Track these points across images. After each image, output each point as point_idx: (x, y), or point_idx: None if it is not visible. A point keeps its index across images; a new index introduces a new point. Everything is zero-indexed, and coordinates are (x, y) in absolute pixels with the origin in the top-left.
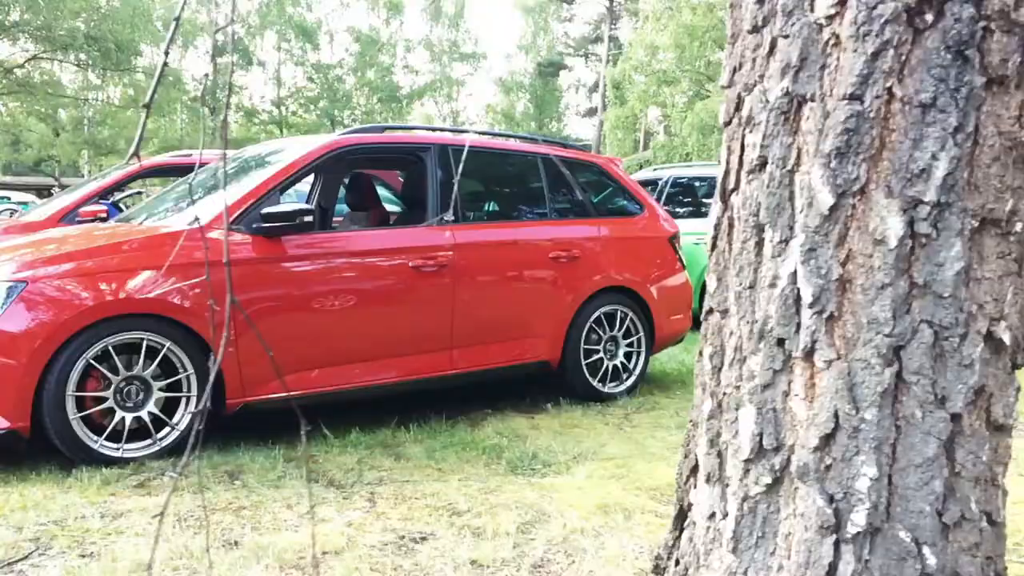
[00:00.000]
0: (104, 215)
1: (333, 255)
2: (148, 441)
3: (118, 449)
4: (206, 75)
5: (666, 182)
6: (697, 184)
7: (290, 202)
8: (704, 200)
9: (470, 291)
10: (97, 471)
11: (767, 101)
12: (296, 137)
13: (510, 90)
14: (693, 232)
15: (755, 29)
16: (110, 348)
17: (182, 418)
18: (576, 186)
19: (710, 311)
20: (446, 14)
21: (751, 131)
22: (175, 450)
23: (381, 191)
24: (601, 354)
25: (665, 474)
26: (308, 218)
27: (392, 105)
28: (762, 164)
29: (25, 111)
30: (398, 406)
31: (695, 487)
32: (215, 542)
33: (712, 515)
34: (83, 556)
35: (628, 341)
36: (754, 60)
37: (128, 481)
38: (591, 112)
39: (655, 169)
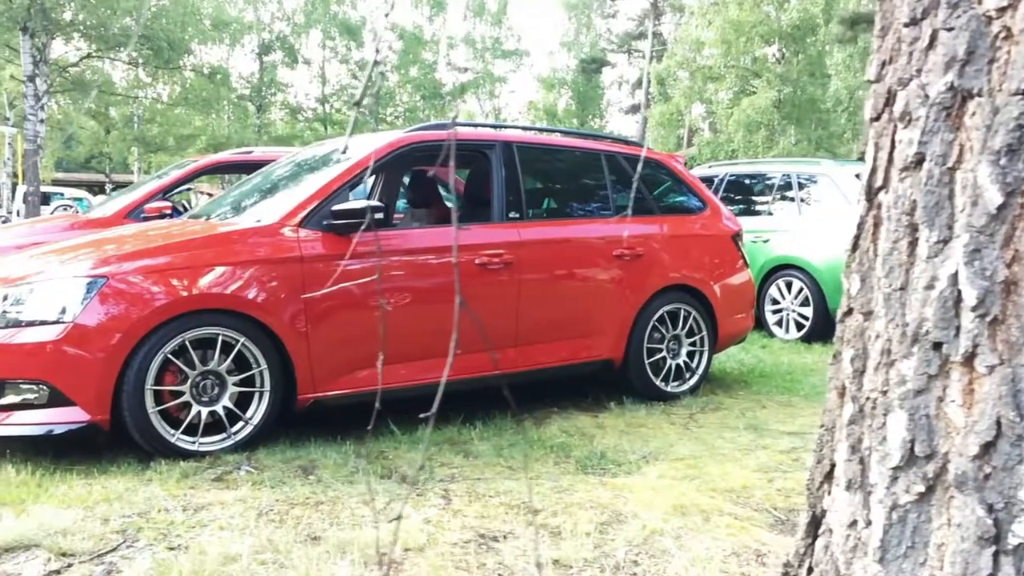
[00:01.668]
0: (169, 211)
1: (401, 252)
2: (223, 435)
3: (194, 443)
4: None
5: (722, 180)
6: (752, 182)
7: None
8: (758, 198)
9: (535, 288)
10: (175, 464)
11: (927, 96)
12: (361, 135)
13: (552, 87)
14: (751, 231)
15: (913, 22)
16: (187, 343)
17: (255, 412)
18: (639, 183)
19: (848, 312)
20: (489, 11)
21: (906, 127)
22: (248, 444)
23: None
24: (664, 353)
25: (739, 476)
26: (378, 215)
27: (434, 102)
28: (919, 161)
29: (77, 109)
30: (463, 403)
31: (829, 493)
32: (297, 537)
33: (853, 523)
34: (171, 549)
35: (691, 340)
36: (911, 54)
37: (206, 475)
38: (634, 109)
39: (711, 166)
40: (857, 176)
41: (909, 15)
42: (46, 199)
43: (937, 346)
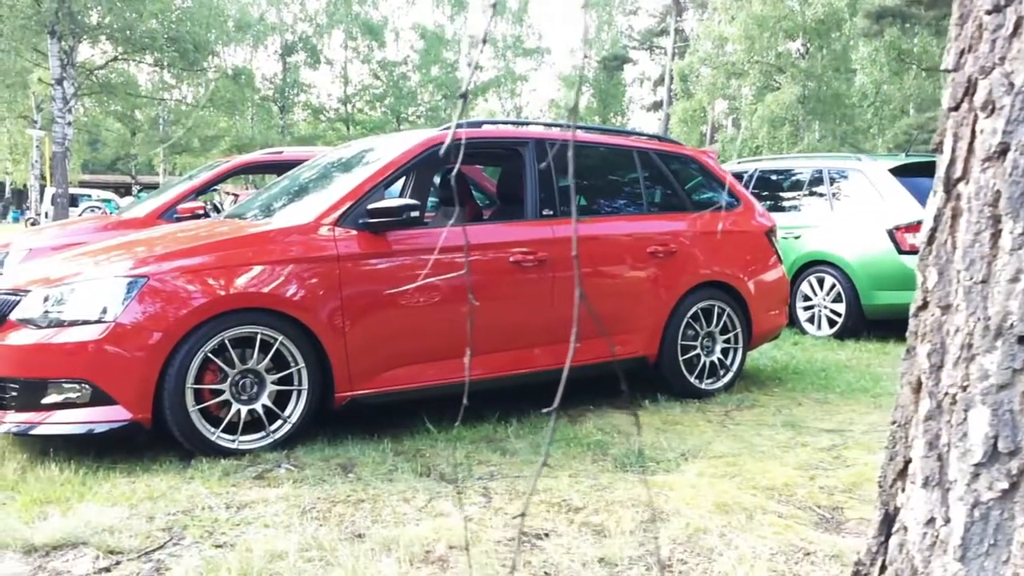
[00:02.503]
0: (202, 211)
1: (443, 250)
2: (262, 433)
3: (234, 441)
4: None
5: (752, 175)
6: (782, 177)
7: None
8: (788, 194)
9: (569, 286)
10: (216, 462)
11: (1011, 84)
12: (393, 134)
13: (573, 85)
14: (782, 227)
15: (996, 9)
16: (226, 342)
17: (293, 411)
18: (672, 180)
19: (924, 306)
20: (510, 9)
21: (988, 116)
22: (287, 442)
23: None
24: (698, 350)
25: (779, 473)
26: (414, 213)
27: (456, 101)
28: (1002, 151)
29: (103, 111)
30: (497, 401)
31: (903, 491)
32: (341, 535)
33: (931, 521)
34: (218, 546)
35: (725, 337)
36: (993, 42)
37: (247, 472)
38: (656, 106)
39: (739, 162)
40: (890, 171)
41: (992, 2)
42: (74, 201)
43: (1022, 340)
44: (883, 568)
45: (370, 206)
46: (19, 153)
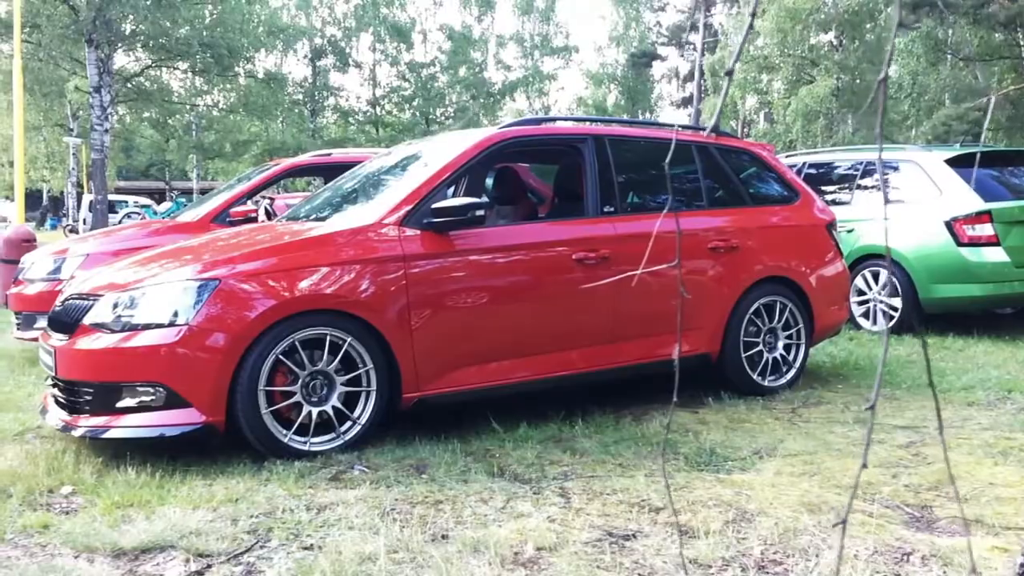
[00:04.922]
0: (255, 215)
1: (500, 249)
2: (332, 435)
3: (305, 443)
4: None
5: (800, 169)
6: (832, 170)
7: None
8: (839, 187)
9: (633, 283)
10: (290, 465)
11: None
12: (442, 135)
13: (601, 82)
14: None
15: None
16: (296, 343)
17: (363, 412)
18: (731, 174)
19: None
20: (537, 8)
21: None
22: (357, 443)
23: None
24: (760, 346)
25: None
26: (479, 212)
27: (483, 101)
28: None
29: (137, 118)
30: (561, 400)
31: None
32: (426, 536)
33: None
34: (306, 548)
35: (787, 333)
36: None
37: (321, 474)
38: (686, 102)
39: (788, 156)
40: (946, 162)
41: None
42: (112, 207)
43: None
44: None
45: (435, 205)
46: (56, 161)
